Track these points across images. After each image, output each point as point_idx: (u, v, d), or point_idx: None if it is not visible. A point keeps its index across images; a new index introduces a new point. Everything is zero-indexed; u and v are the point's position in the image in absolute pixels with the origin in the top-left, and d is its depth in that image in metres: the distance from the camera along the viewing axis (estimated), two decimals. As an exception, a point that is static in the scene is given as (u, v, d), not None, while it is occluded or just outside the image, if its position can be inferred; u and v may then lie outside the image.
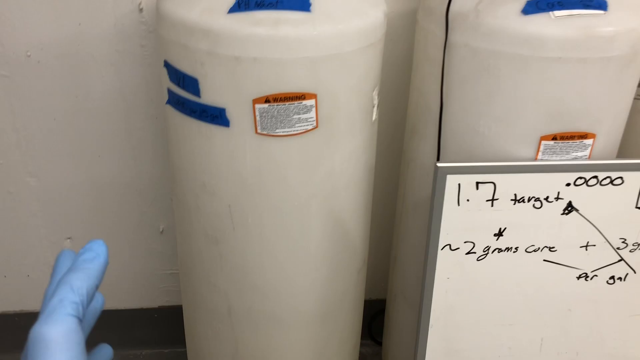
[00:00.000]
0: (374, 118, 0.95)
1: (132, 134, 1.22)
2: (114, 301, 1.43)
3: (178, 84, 0.85)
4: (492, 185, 0.89)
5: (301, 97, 0.82)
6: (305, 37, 0.79)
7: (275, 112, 0.82)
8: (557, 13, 0.83)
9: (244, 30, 0.78)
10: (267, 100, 0.81)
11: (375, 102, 0.94)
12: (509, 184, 0.89)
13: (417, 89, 1.04)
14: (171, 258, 1.39)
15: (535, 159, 0.91)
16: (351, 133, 0.91)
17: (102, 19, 1.10)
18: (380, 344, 1.48)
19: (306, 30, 0.79)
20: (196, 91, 0.83)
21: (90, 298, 0.34)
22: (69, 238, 1.33)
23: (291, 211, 0.92)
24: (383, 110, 1.18)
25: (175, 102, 0.88)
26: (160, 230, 1.35)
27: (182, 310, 1.19)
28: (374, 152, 1.02)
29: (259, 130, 0.84)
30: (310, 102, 0.83)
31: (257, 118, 0.83)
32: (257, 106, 0.82)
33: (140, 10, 1.10)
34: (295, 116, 0.83)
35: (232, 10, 0.78)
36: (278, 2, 0.79)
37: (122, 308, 1.44)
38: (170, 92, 0.88)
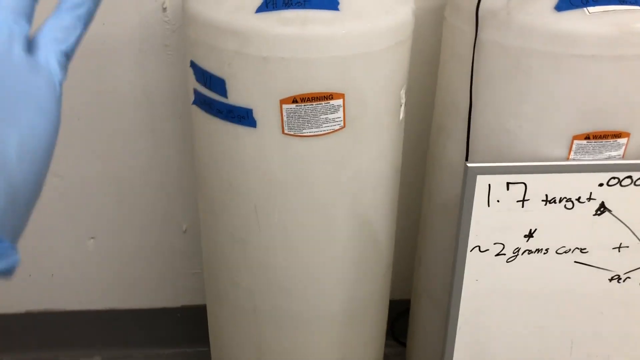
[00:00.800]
0: (401, 117, 0.94)
1: (155, 133, 1.22)
2: (137, 300, 1.43)
3: (205, 85, 0.85)
4: (523, 185, 0.87)
5: (329, 96, 0.81)
6: (334, 36, 0.78)
7: (303, 112, 0.81)
8: (592, 9, 0.80)
9: (272, 30, 0.77)
10: (294, 101, 0.80)
11: (403, 101, 0.93)
12: (540, 185, 0.87)
13: (444, 87, 1.02)
14: (194, 258, 1.38)
15: (567, 159, 0.89)
16: (378, 132, 0.90)
17: (126, 18, 1.10)
18: (402, 344, 1.47)
19: (335, 29, 0.78)
20: (223, 92, 0.82)
21: None
22: (92, 238, 1.34)
23: (317, 212, 0.91)
24: (408, 109, 1.17)
25: (202, 102, 0.87)
26: (184, 229, 1.35)
27: (204, 310, 1.18)
28: (401, 151, 1.00)
29: (286, 131, 0.83)
30: (338, 101, 0.82)
31: (284, 118, 0.82)
32: (285, 106, 0.81)
33: (164, 9, 1.10)
34: (322, 116, 0.82)
35: (260, 9, 0.77)
36: (306, 1, 0.78)
37: (145, 307, 1.44)
38: (196, 92, 0.88)
